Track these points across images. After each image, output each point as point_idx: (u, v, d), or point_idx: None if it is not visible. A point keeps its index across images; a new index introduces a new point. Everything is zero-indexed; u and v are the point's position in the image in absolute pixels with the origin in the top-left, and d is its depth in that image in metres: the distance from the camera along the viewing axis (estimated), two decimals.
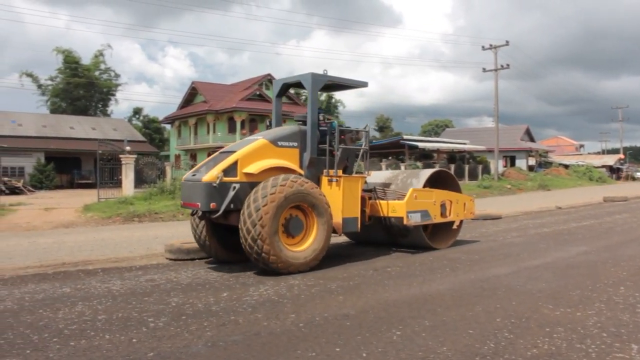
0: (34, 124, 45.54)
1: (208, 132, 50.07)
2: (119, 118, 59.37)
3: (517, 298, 6.69)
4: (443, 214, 10.64)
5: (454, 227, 11.40)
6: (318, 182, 9.33)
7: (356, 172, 9.78)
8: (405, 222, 9.77)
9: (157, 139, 63.77)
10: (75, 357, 4.72)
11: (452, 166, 40.64)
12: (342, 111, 74.62)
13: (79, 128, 47.39)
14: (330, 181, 9.25)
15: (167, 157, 54.54)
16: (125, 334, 5.37)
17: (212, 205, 8.16)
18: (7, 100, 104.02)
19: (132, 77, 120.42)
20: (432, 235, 11.10)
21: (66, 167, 43.50)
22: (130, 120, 64.02)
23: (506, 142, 55.82)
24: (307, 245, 8.58)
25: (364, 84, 10.50)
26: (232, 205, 8.26)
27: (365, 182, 10.17)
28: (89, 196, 23.20)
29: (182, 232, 13.37)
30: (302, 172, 9.10)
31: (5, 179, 32.06)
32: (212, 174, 8.23)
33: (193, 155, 51.62)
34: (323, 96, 70.95)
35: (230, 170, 8.39)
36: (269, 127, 10.34)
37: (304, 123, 9.53)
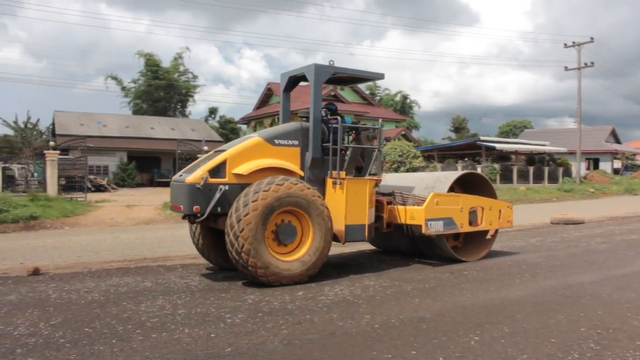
0: (117, 125, 47.52)
1: None
2: (197, 119, 61.09)
3: (603, 307, 6.37)
4: (473, 222, 9.48)
5: (488, 237, 10.11)
6: (323, 184, 8.48)
7: (370, 174, 8.88)
8: (423, 230, 8.65)
9: (233, 139, 65.16)
10: (157, 349, 4.88)
11: (531, 168, 39.36)
12: (417, 112, 73.53)
13: (159, 128, 49.08)
14: (334, 184, 8.35)
15: None
16: (204, 328, 5.51)
17: (195, 208, 7.55)
18: (94, 102, 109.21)
19: (209, 78, 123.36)
20: (463, 246, 10.07)
21: (147, 166, 45.09)
22: (206, 120, 65.63)
23: (589, 143, 53.42)
24: (300, 255, 7.72)
25: (379, 76, 9.45)
26: (219, 209, 7.61)
27: (377, 186, 9.06)
28: (168, 194, 23.92)
29: None
30: (301, 173, 8.29)
31: (92, 177, 33.64)
32: (196, 175, 7.61)
33: None
34: (398, 97, 70.28)
35: (218, 170, 7.72)
36: (274, 124, 9.61)
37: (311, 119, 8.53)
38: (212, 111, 69.56)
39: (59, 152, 23.93)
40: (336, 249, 9.95)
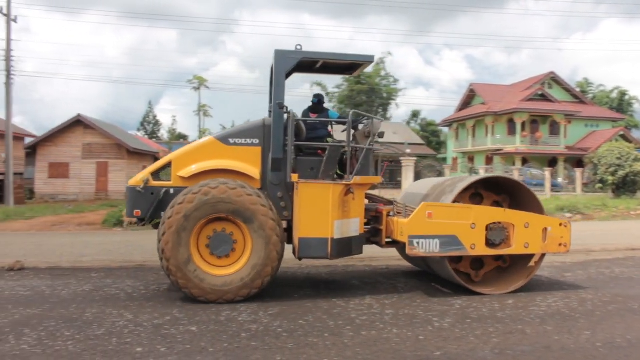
0: None
1: (486, 134, 49.01)
2: (399, 122, 61.86)
3: None
4: (497, 244, 7.21)
5: (531, 263, 7.65)
6: (292, 189, 7.25)
7: (357, 176, 7.15)
8: (407, 250, 6.87)
9: (434, 142, 64.72)
10: (367, 346, 5.03)
11: None
12: (638, 109, 66.04)
13: None
14: (295, 189, 7.13)
15: (444, 160, 54.94)
16: (412, 330, 5.54)
17: (136, 212, 7.15)
18: (300, 107, 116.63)
19: (409, 82, 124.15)
20: (492, 273, 7.86)
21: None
22: (408, 123, 66.18)
23: None
24: (235, 270, 6.74)
25: (367, 59, 7.70)
26: (162, 214, 6.94)
27: (350, 191, 7.07)
28: None
29: None
30: (257, 176, 7.23)
31: None
32: (137, 177, 7.26)
33: (471, 158, 51.18)
34: (614, 93, 64.07)
35: (163, 172, 7.34)
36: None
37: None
38: (415, 114, 70.02)
39: None
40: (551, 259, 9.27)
